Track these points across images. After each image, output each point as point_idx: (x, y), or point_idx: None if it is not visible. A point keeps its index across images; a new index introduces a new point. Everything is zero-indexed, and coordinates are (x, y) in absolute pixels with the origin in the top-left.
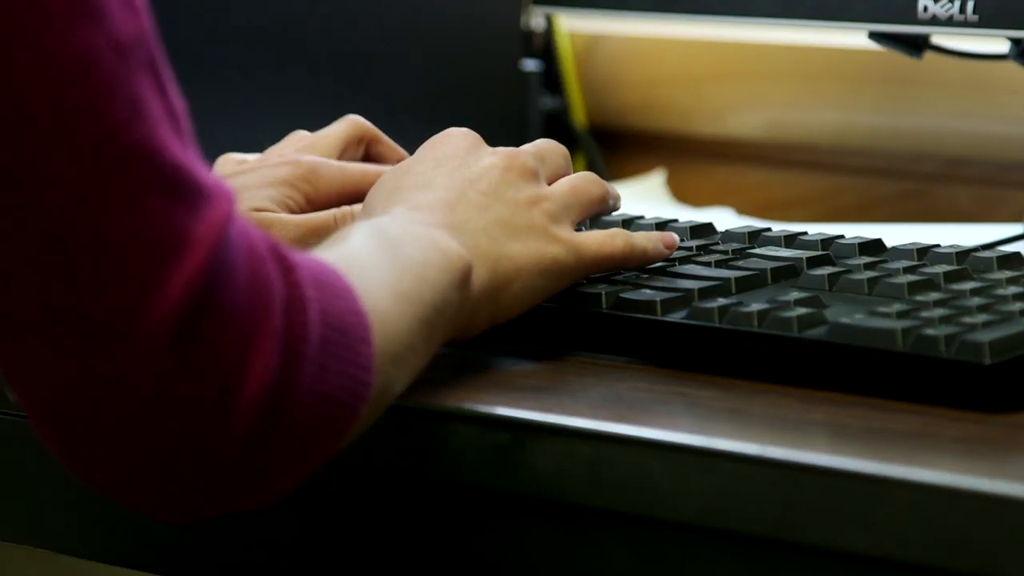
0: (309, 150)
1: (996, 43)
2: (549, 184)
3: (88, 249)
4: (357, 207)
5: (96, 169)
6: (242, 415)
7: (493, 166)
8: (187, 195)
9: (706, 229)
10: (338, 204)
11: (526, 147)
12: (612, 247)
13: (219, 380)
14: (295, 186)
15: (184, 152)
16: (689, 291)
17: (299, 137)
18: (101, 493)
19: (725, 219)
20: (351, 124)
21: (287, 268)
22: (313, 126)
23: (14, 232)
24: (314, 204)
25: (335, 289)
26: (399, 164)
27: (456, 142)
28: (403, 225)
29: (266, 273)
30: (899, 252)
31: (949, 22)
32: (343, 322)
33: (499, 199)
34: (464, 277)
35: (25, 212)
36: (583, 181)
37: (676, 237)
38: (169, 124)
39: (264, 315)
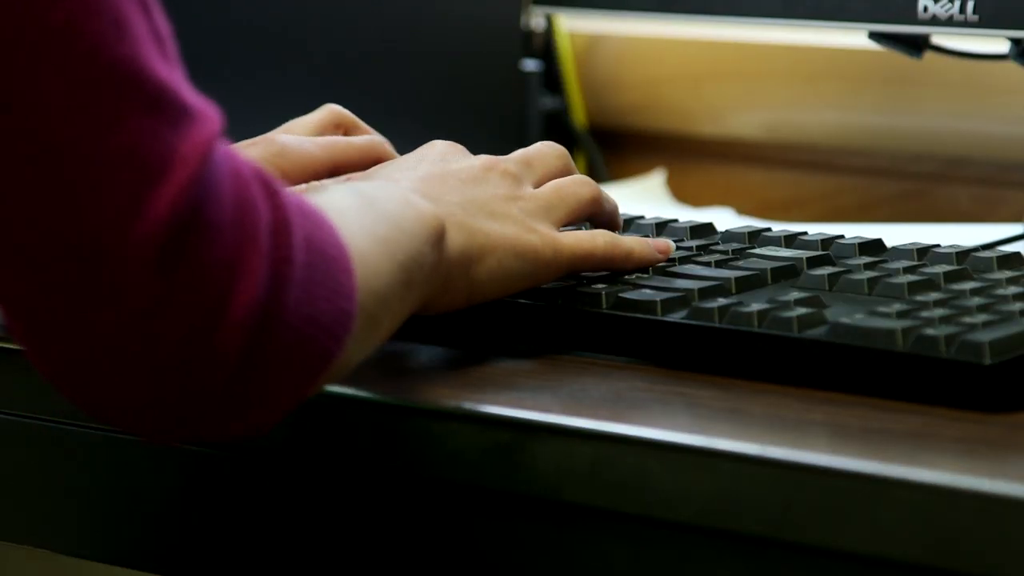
0: (284, 132)
1: (996, 43)
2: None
3: (72, 167)
4: (328, 181)
5: (79, 87)
6: (230, 333)
7: (473, 165)
8: (172, 114)
9: (706, 229)
10: (312, 180)
11: (517, 153)
12: (591, 245)
13: (206, 298)
14: (269, 162)
15: (169, 72)
16: (689, 291)
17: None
18: (90, 414)
19: (725, 219)
20: (328, 110)
21: (272, 192)
22: None
23: None
24: (289, 180)
25: (317, 220)
26: (382, 164)
27: (439, 147)
28: (377, 187)
29: (252, 195)
30: (899, 252)
31: (949, 22)
32: (325, 252)
33: (477, 187)
34: (437, 235)
35: (8, 131)
36: (570, 183)
37: (671, 244)
38: (154, 44)
39: (251, 235)
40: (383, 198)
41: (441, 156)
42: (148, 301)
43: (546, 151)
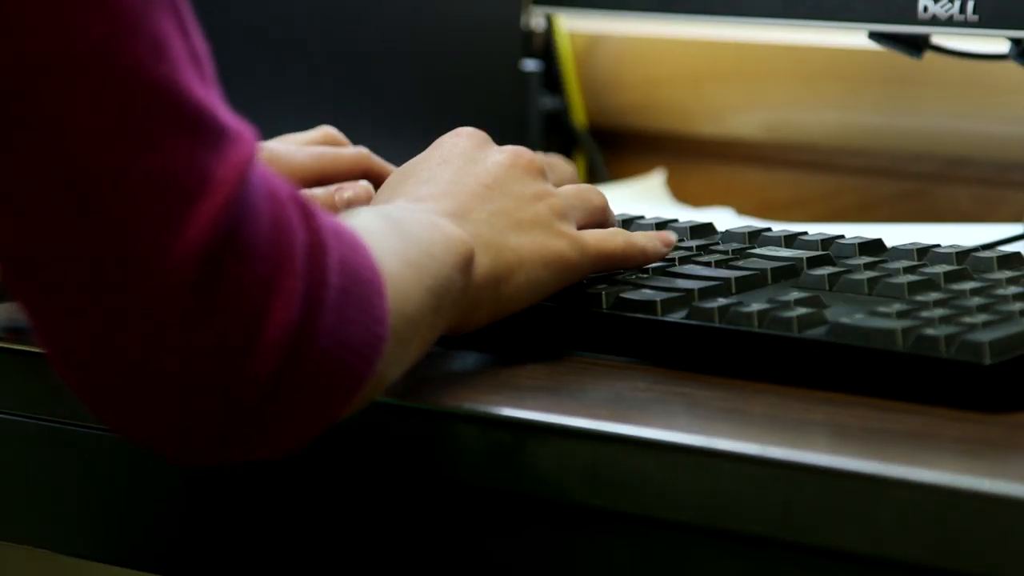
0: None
1: (996, 43)
2: None
3: (109, 188)
4: (318, 190)
5: (117, 107)
6: (264, 356)
7: (499, 163)
8: (209, 135)
9: (706, 229)
10: (300, 188)
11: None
12: (613, 244)
13: (242, 320)
14: None
15: (207, 92)
16: (689, 291)
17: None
18: (121, 434)
19: (725, 219)
20: (322, 130)
21: (308, 214)
22: (311, 126)
23: (35, 170)
24: None
25: (352, 243)
26: (405, 163)
27: (463, 141)
28: (406, 211)
29: (288, 216)
30: (899, 252)
31: (949, 22)
32: (360, 275)
33: (503, 193)
34: (466, 261)
35: (46, 150)
36: (587, 189)
37: (674, 236)
38: (191, 64)
39: (287, 256)
40: (411, 222)
41: (464, 156)
42: (183, 322)
43: (561, 161)
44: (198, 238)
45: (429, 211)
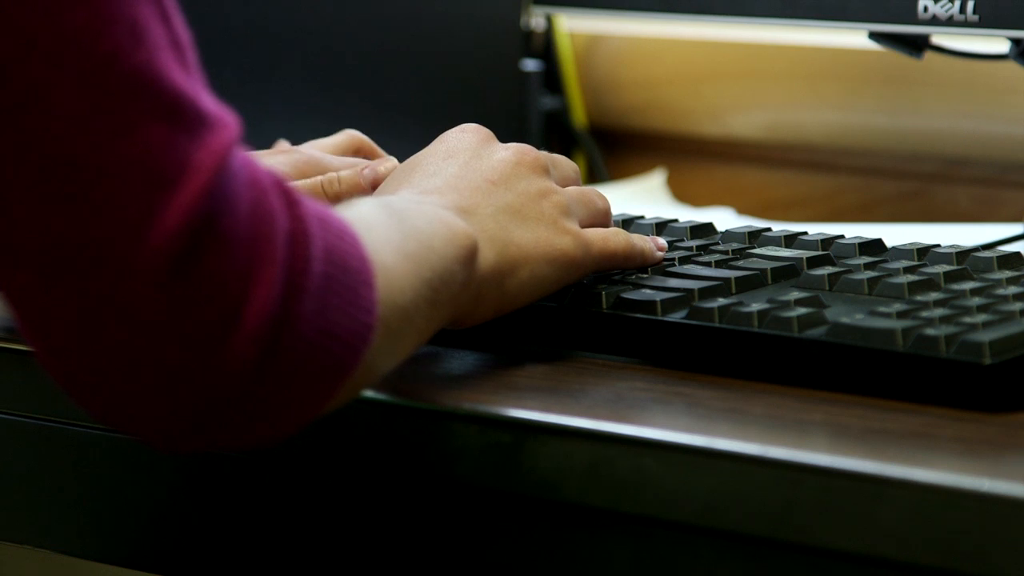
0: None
1: (996, 43)
2: None
3: (86, 174)
4: (344, 172)
5: (95, 93)
6: (242, 344)
7: (504, 160)
8: (188, 121)
9: (706, 229)
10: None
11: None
12: (616, 243)
13: (220, 308)
14: (297, 170)
15: (187, 79)
16: (689, 291)
17: (284, 145)
18: (101, 421)
19: (725, 219)
20: (348, 135)
21: (291, 202)
22: (312, 126)
23: (13, 156)
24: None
25: (339, 231)
26: (410, 158)
27: (467, 137)
28: (409, 203)
29: (269, 204)
30: (899, 252)
31: (949, 22)
32: (346, 264)
33: (509, 189)
34: (469, 254)
35: (24, 135)
36: (591, 192)
37: (664, 242)
38: (172, 51)
39: (266, 245)
40: (413, 214)
41: (470, 151)
42: (160, 310)
43: (565, 160)
44: (175, 225)
45: (435, 204)
